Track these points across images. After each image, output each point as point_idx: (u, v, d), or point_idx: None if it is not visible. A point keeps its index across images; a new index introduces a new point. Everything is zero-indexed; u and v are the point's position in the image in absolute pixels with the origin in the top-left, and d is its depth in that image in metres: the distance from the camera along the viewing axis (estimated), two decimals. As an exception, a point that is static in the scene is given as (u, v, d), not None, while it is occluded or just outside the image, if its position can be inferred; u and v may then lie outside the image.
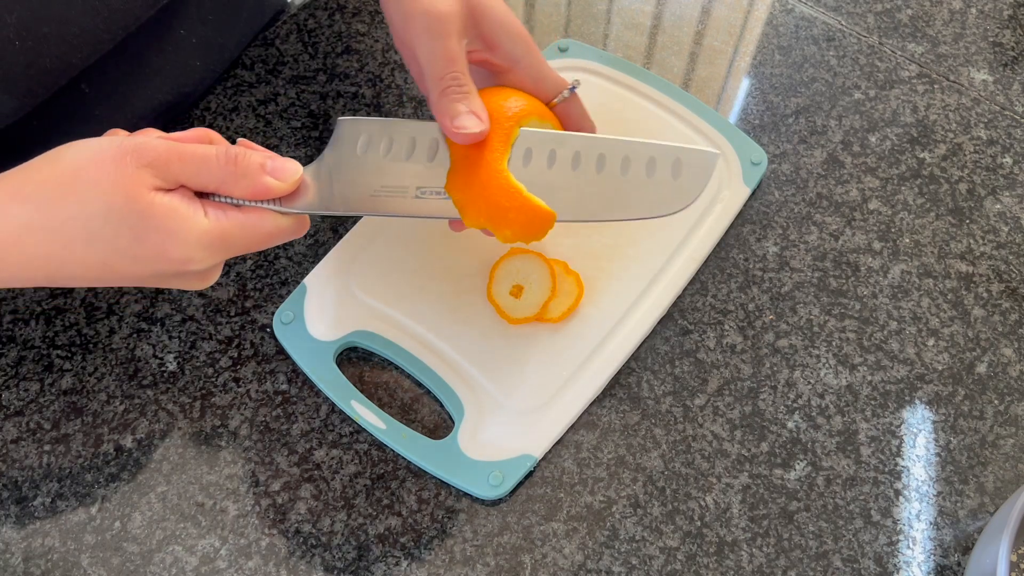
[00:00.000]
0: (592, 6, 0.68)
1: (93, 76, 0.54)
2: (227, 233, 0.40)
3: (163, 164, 0.38)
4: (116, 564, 0.47)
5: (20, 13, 0.45)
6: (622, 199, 0.43)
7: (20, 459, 0.50)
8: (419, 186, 0.44)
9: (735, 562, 0.47)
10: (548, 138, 0.44)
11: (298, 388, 0.52)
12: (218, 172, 0.39)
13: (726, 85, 0.64)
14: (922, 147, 0.61)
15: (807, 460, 0.50)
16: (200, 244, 0.39)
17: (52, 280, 0.40)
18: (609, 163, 0.44)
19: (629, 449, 0.50)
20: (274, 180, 0.40)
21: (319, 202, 0.43)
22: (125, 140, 0.38)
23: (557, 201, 0.43)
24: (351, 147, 0.44)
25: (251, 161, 0.40)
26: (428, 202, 0.44)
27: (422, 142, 0.44)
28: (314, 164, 0.43)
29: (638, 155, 0.44)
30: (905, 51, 0.65)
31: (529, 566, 0.47)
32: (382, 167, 0.44)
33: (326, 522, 0.48)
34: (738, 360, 0.53)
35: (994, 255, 0.57)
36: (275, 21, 0.67)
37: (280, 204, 0.42)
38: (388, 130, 0.44)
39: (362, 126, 0.44)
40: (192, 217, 0.39)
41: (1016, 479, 0.50)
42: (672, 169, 0.43)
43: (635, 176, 0.43)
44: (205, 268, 0.41)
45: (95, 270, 0.39)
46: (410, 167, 0.44)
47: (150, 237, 0.38)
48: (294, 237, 0.43)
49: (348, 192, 0.43)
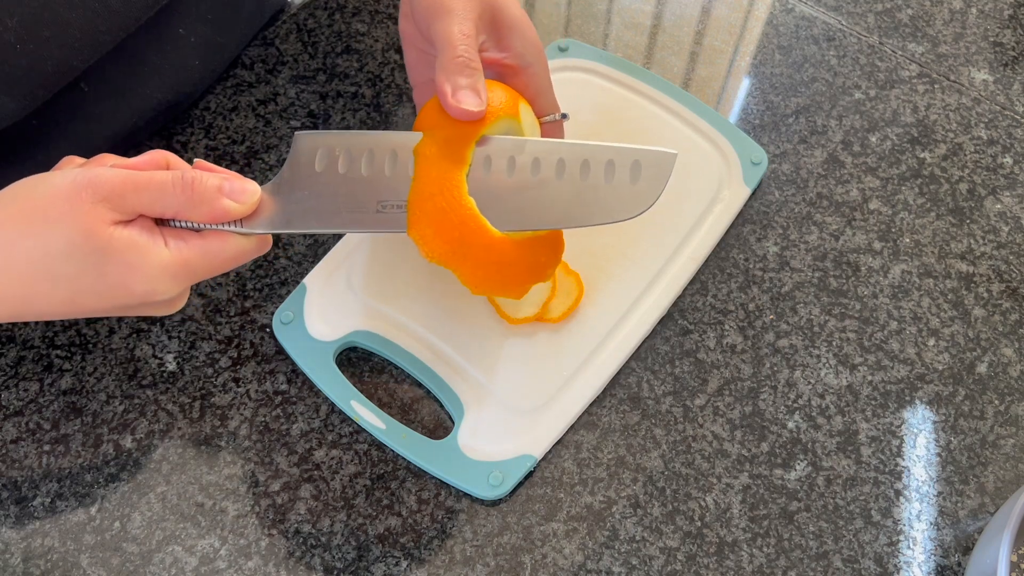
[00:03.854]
0: (592, 6, 0.68)
1: (93, 76, 0.54)
2: (189, 261, 0.40)
3: (119, 196, 0.38)
4: (116, 564, 0.47)
5: (20, 16, 0.45)
6: (582, 206, 0.43)
7: (20, 459, 0.50)
8: (380, 200, 0.43)
9: (735, 562, 0.47)
10: (508, 144, 0.44)
11: (298, 388, 0.52)
12: (175, 199, 0.39)
13: (726, 85, 0.64)
14: (922, 147, 0.61)
15: (807, 460, 0.50)
16: (163, 275, 0.39)
17: (18, 316, 0.40)
18: (569, 168, 0.43)
19: (629, 449, 0.50)
20: (233, 202, 0.40)
21: (280, 220, 0.42)
22: (78, 174, 0.38)
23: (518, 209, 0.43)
24: (309, 163, 0.43)
25: (208, 185, 0.39)
26: (390, 216, 0.43)
27: (381, 154, 0.43)
28: (272, 182, 0.43)
29: (596, 159, 0.43)
30: (905, 51, 0.65)
31: (529, 566, 0.47)
32: (342, 182, 0.43)
33: (326, 522, 0.48)
34: (738, 360, 0.53)
35: (994, 255, 0.57)
36: (275, 21, 0.67)
37: (241, 225, 0.41)
38: (346, 143, 0.43)
39: (319, 140, 0.43)
40: (152, 249, 0.38)
41: (1016, 479, 0.50)
42: (631, 172, 0.43)
43: (594, 181, 0.43)
44: (171, 297, 0.40)
45: (61, 306, 0.39)
46: (370, 181, 0.43)
47: (112, 272, 0.38)
48: (257, 256, 0.42)
49: (309, 209, 0.42)
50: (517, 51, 0.47)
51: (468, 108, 0.43)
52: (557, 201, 0.43)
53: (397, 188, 0.43)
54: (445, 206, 0.42)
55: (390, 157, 0.43)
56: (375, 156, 0.43)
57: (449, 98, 0.43)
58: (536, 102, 0.49)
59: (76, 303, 0.39)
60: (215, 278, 0.56)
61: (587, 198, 0.43)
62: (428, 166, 0.43)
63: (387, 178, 0.43)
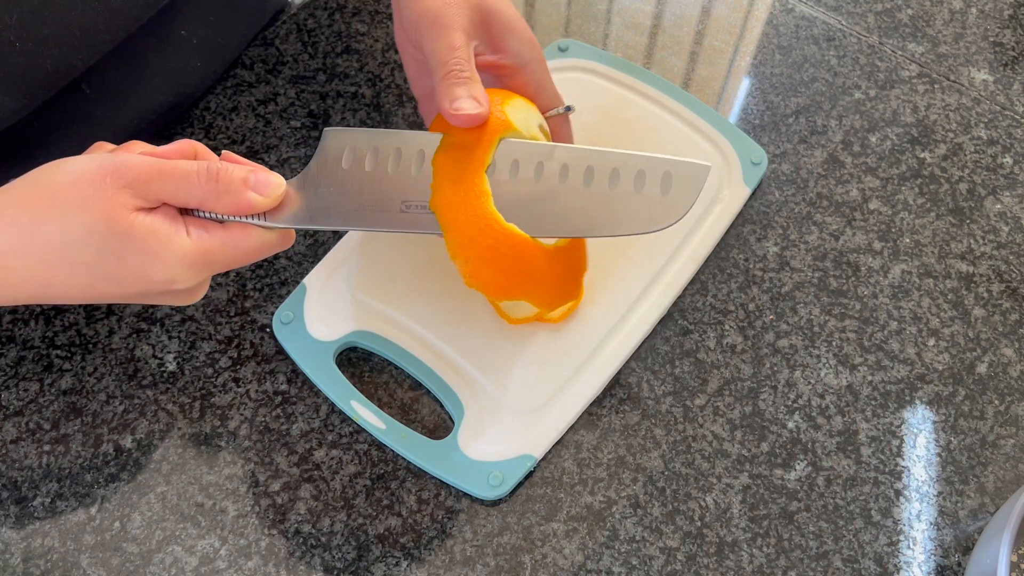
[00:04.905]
0: (592, 6, 0.68)
1: (93, 77, 0.54)
2: (210, 251, 0.39)
3: (143, 183, 0.38)
4: (116, 564, 0.47)
5: (20, 15, 0.45)
6: (610, 215, 0.42)
7: (20, 459, 0.50)
8: (404, 200, 0.43)
9: (735, 562, 0.47)
10: (536, 149, 0.44)
11: (298, 388, 0.52)
12: (199, 189, 0.39)
13: (726, 85, 0.64)
14: (922, 147, 0.61)
15: (807, 460, 0.50)
16: (183, 264, 0.39)
17: (39, 299, 0.40)
18: (598, 176, 0.43)
19: (629, 449, 0.50)
20: (257, 195, 0.40)
21: (304, 216, 0.42)
22: (105, 159, 0.38)
23: (544, 216, 0.43)
24: (336, 159, 0.43)
25: (233, 177, 0.39)
26: (414, 216, 0.43)
27: (408, 154, 0.43)
28: (299, 176, 0.43)
29: (627, 168, 0.42)
30: (905, 51, 0.65)
31: (529, 566, 0.47)
32: (367, 180, 0.43)
33: (326, 522, 0.48)
34: (738, 360, 0.53)
35: (994, 255, 0.57)
36: (275, 21, 0.67)
37: (264, 218, 0.41)
38: (374, 141, 0.43)
39: (348, 137, 0.43)
40: (174, 237, 0.38)
41: (1016, 479, 0.50)
42: (662, 183, 0.42)
43: (623, 190, 0.42)
44: (190, 286, 0.40)
45: (80, 291, 0.39)
46: (396, 180, 0.43)
47: (132, 259, 0.38)
48: (279, 251, 0.42)
49: (333, 205, 0.42)
50: (513, 51, 0.47)
51: (467, 112, 0.43)
52: (584, 209, 0.42)
53: (423, 188, 0.43)
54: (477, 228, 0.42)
55: (417, 157, 0.43)
56: (402, 155, 0.43)
57: (448, 111, 0.43)
58: (539, 98, 0.48)
59: (96, 288, 0.39)
60: (216, 278, 0.56)
61: (615, 208, 0.42)
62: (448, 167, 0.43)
63: (413, 178, 0.43)
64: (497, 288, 0.45)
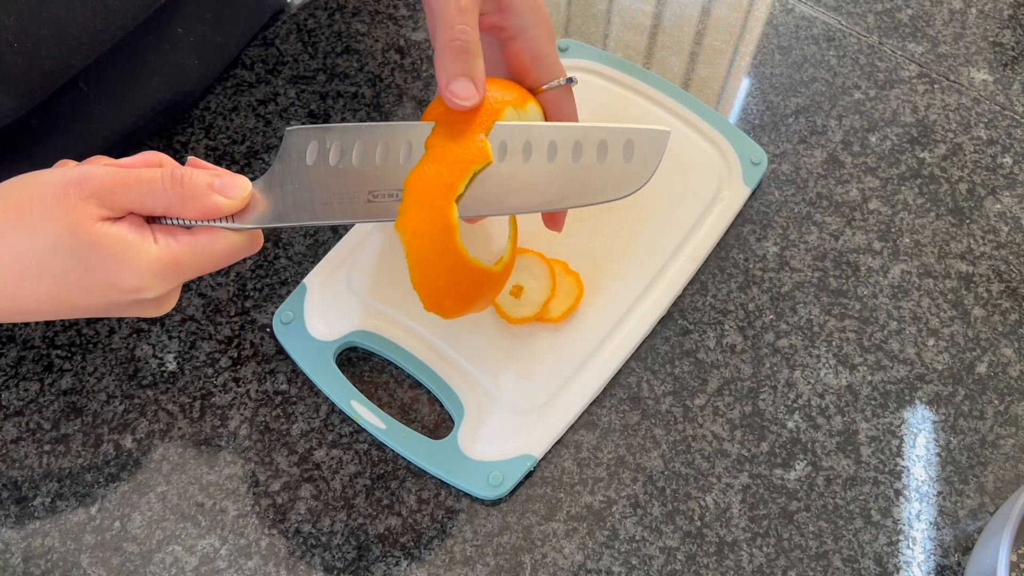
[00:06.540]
0: (592, 6, 0.68)
1: (92, 75, 0.54)
2: (178, 258, 0.39)
3: (107, 193, 0.38)
4: (116, 564, 0.47)
5: (18, 14, 0.45)
6: (575, 185, 0.43)
7: (20, 459, 0.50)
8: (371, 190, 0.43)
9: (735, 562, 0.47)
10: (500, 130, 0.44)
11: (298, 388, 0.52)
12: (165, 195, 0.38)
13: (726, 85, 0.64)
14: (922, 147, 0.61)
15: (807, 460, 0.50)
16: (151, 272, 0.39)
17: (6, 314, 0.39)
18: (561, 150, 0.43)
19: (629, 449, 0.50)
20: (223, 198, 0.40)
21: (271, 215, 0.42)
22: (68, 172, 0.38)
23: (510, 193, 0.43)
24: (300, 157, 0.43)
25: (198, 181, 0.39)
26: (382, 205, 0.43)
27: (371, 145, 0.43)
28: (263, 178, 0.43)
29: (589, 139, 0.43)
30: (905, 51, 0.65)
31: (529, 566, 0.47)
32: (333, 174, 0.43)
33: (326, 522, 0.48)
34: (738, 360, 0.53)
35: (994, 255, 0.57)
36: (275, 21, 0.67)
37: (232, 220, 0.41)
38: (336, 136, 0.43)
39: (310, 134, 0.44)
40: (141, 245, 0.38)
41: (1016, 479, 0.50)
42: (624, 151, 0.43)
43: (587, 162, 0.43)
44: (159, 295, 0.40)
45: (48, 303, 0.39)
46: (361, 172, 0.43)
47: (99, 268, 0.38)
48: (248, 254, 0.42)
49: (300, 202, 0.42)
50: (518, 13, 0.46)
51: (462, 103, 0.42)
52: (550, 183, 0.43)
53: (388, 177, 0.43)
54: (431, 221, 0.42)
55: (381, 147, 0.43)
56: (366, 147, 0.43)
57: (444, 89, 0.43)
58: (536, 67, 0.47)
59: (64, 300, 0.39)
60: (216, 278, 0.56)
61: (580, 178, 0.43)
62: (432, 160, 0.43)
63: (377, 168, 0.43)
64: (452, 312, 0.46)
